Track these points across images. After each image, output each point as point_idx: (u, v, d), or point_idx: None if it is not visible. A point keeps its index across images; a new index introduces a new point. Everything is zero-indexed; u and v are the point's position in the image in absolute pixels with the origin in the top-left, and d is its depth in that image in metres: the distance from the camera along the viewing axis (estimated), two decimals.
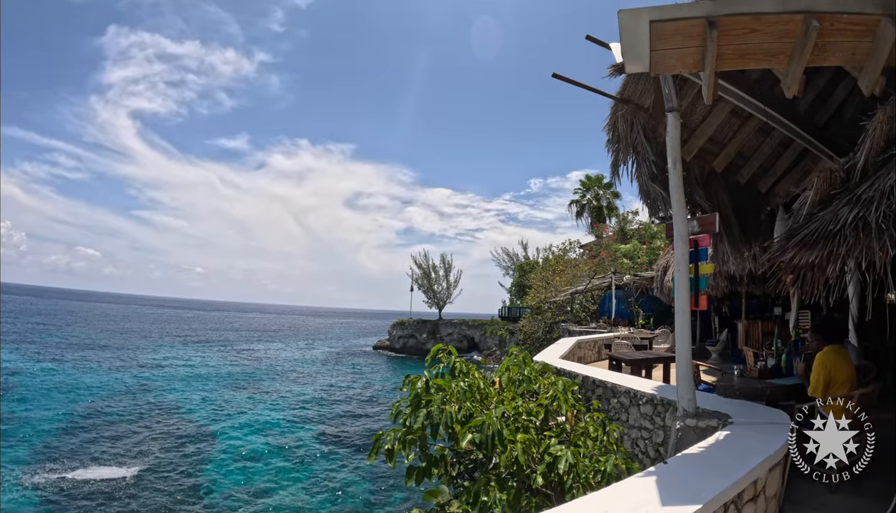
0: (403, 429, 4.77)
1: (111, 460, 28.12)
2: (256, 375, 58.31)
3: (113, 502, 22.94)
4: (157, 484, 25.25)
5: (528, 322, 36.91)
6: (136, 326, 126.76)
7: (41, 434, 32.56)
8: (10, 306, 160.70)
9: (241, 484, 25.69)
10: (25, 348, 69.57)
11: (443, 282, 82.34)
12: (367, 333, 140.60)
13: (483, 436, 4.43)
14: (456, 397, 4.87)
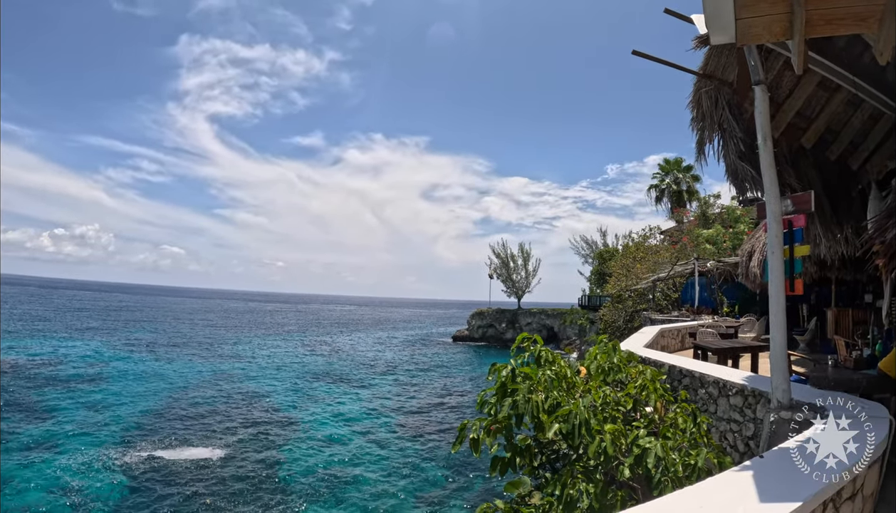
0: (489, 418, 4.70)
1: (198, 443, 29.40)
2: (336, 365, 59.62)
3: (199, 482, 23.97)
4: (241, 466, 26.23)
5: (608, 311, 36.23)
6: (220, 320, 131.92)
7: (131, 419, 34.33)
8: (102, 303, 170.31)
9: (320, 469, 26.32)
10: (116, 341, 73.50)
11: (521, 271, 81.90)
12: (446, 324, 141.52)
13: (570, 426, 4.32)
14: (542, 385, 4.77)
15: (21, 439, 29.28)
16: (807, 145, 8.11)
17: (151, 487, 23.30)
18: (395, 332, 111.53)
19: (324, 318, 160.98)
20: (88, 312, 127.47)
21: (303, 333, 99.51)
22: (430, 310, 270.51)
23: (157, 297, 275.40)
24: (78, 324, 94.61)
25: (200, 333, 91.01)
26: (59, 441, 29.06)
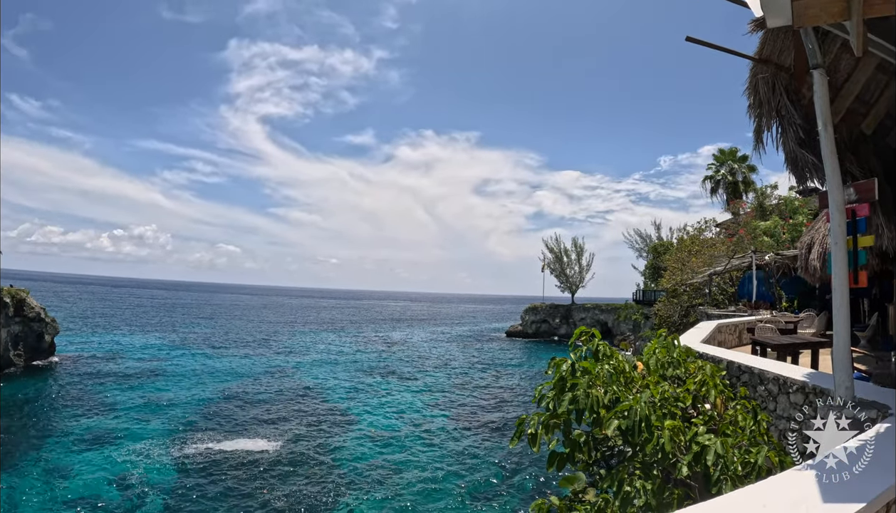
0: (546, 413, 4.68)
1: (253, 436, 30.17)
2: (389, 360, 60.24)
3: (253, 474, 24.59)
4: (294, 459, 26.78)
5: (663, 306, 35.70)
6: (275, 316, 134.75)
7: (187, 412, 35.40)
8: (159, 300, 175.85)
9: (372, 464, 26.66)
10: (173, 337, 75.81)
11: (575, 266, 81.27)
12: (499, 319, 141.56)
13: (630, 422, 4.25)
14: (601, 380, 4.73)
15: (81, 429, 30.51)
16: (867, 131, 7.81)
17: (206, 478, 23.99)
18: (448, 327, 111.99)
19: (377, 313, 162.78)
20: (147, 309, 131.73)
21: (356, 329, 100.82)
22: (483, 305, 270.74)
23: (213, 294, 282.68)
24: (136, 320, 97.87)
25: (256, 329, 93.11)
26: (118, 432, 30.18)
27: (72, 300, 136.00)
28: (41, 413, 33.49)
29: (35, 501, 21.39)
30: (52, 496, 21.84)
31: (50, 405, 35.38)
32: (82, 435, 29.56)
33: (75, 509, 20.83)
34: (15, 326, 45.14)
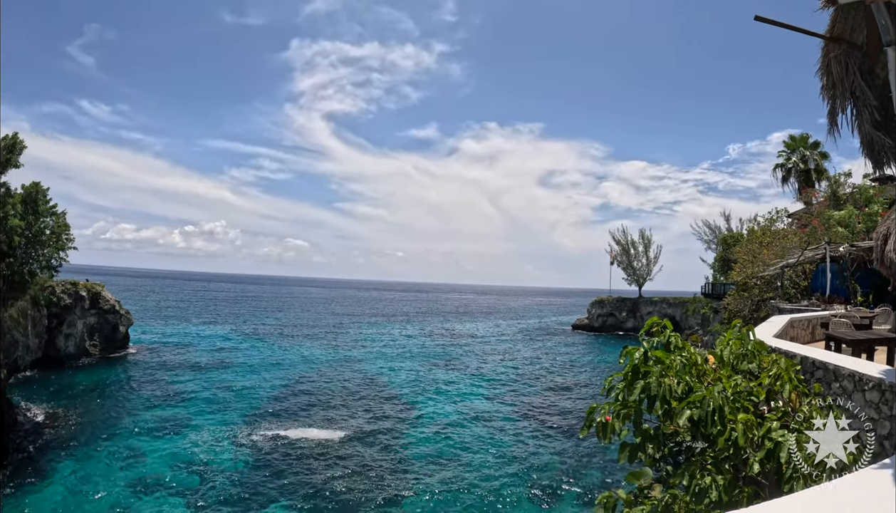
0: (617, 403, 4.62)
1: (319, 425, 30.81)
2: (455, 353, 60.50)
3: (319, 461, 25.10)
4: (359, 447, 27.23)
5: (732, 299, 34.71)
6: (342, 308, 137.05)
7: (256, 400, 36.39)
8: (230, 293, 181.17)
9: (436, 453, 26.87)
10: (243, 328, 77.99)
11: (642, 258, 79.90)
12: (565, 312, 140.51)
13: (702, 412, 4.15)
14: (674, 370, 4.60)
15: (152, 416, 31.75)
16: None
17: (273, 464, 24.64)
18: (514, 320, 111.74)
19: (443, 306, 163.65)
20: (217, 301, 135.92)
21: (422, 322, 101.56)
22: (549, 298, 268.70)
23: (282, 287, 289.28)
24: (207, 312, 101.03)
25: (324, 321, 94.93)
26: (187, 420, 31.29)
27: (145, 294, 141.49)
28: (115, 400, 34.98)
29: (107, 482, 22.41)
30: (123, 478, 22.86)
31: (123, 393, 36.93)
32: (154, 422, 30.79)
33: (145, 491, 21.72)
34: (91, 318, 47.23)
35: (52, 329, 40.77)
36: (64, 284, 43.90)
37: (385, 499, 21.26)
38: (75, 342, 44.90)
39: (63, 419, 30.13)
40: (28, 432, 27.45)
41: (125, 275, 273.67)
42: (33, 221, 31.35)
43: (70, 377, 39.86)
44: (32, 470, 23.02)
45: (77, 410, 32.10)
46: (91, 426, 29.44)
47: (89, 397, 35.20)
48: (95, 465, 24.22)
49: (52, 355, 40.78)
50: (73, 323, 44.74)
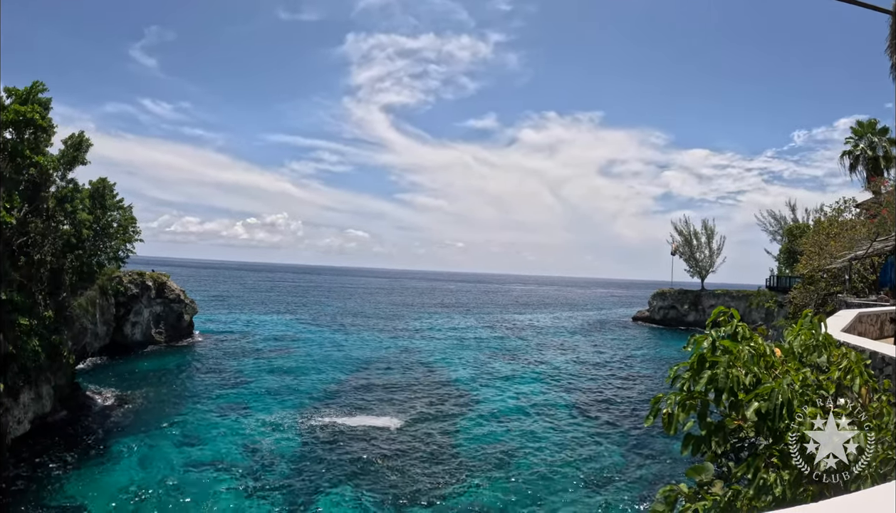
0: (682, 393, 4.47)
1: (377, 412, 31.17)
2: (514, 343, 60.41)
3: (377, 448, 25.38)
4: (417, 437, 27.40)
5: (798, 293, 33.53)
6: (402, 298, 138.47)
7: (316, 386, 37.08)
8: (291, 283, 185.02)
9: (493, 444, 26.81)
10: (304, 316, 79.57)
11: (705, 249, 77.91)
12: (626, 304, 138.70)
13: (771, 405, 3.97)
14: (742, 361, 4.41)
15: (217, 401, 32.67)
16: None
17: (330, 450, 25.05)
18: (574, 311, 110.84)
19: (503, 297, 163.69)
20: (279, 291, 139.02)
21: (482, 312, 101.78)
22: (610, 289, 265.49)
23: (343, 277, 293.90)
24: (270, 301, 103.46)
25: (384, 311, 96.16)
26: (249, 404, 32.10)
27: (209, 284, 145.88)
28: (179, 386, 36.15)
29: (170, 463, 23.18)
30: (186, 460, 23.62)
31: (187, 379, 38.14)
32: (216, 406, 31.70)
33: (206, 473, 22.37)
34: (157, 306, 48.88)
35: (119, 317, 42.37)
36: (131, 274, 45.58)
37: (440, 489, 21.31)
38: (142, 330, 46.59)
39: (129, 403, 31.28)
40: (96, 415, 28.60)
41: (190, 266, 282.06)
42: (101, 215, 32.57)
43: (136, 363, 41.39)
44: (100, 450, 23.96)
45: (143, 394, 33.29)
46: (156, 410, 30.51)
47: (155, 383, 36.47)
48: (159, 447, 25.08)
49: (119, 342, 42.40)
50: (140, 312, 46.42)
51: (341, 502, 20.02)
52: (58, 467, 21.76)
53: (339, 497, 20.44)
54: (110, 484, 20.98)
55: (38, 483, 20.33)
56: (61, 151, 26.97)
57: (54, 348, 24.13)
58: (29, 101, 22.75)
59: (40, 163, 23.25)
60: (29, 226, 23.79)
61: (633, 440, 27.67)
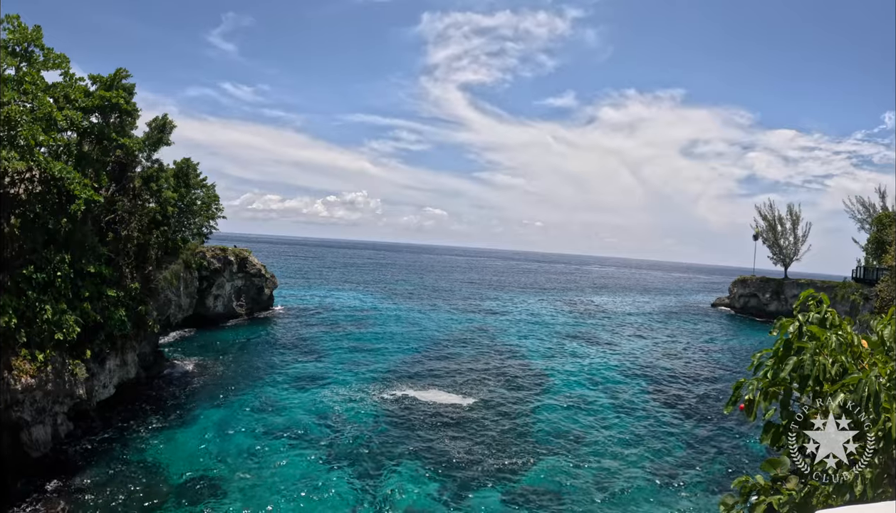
0: (766, 379, 4.38)
1: (449, 388, 31.91)
2: (590, 326, 60.05)
3: (448, 424, 26.16)
4: (488, 413, 28.00)
5: (886, 286, 31.93)
6: (479, 276, 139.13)
7: (391, 361, 38.20)
8: (370, 260, 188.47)
9: (561, 425, 27.05)
10: (381, 292, 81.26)
11: (789, 236, 74.22)
12: (705, 290, 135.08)
13: (857, 397, 3.86)
14: (829, 349, 4.28)
15: (291, 371, 34.17)
16: None
17: (401, 423, 25.94)
18: (652, 296, 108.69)
19: (580, 278, 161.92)
20: (357, 267, 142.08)
21: (559, 293, 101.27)
22: (689, 274, 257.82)
23: (420, 255, 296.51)
24: (348, 277, 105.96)
25: (461, 289, 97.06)
26: (324, 376, 33.41)
27: (289, 259, 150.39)
28: (258, 356, 37.94)
29: (246, 429, 24.59)
30: (261, 427, 24.98)
31: (266, 350, 39.95)
32: (292, 377, 33.19)
33: (280, 438, 23.65)
34: (238, 280, 51.13)
35: (202, 290, 44.58)
36: (214, 249, 47.78)
37: (506, 469, 21.67)
38: (223, 302, 48.93)
39: (210, 371, 33.12)
40: (178, 381, 30.45)
41: (271, 242, 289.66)
42: (185, 193, 34.29)
43: (217, 334, 43.60)
44: (180, 415, 25.61)
45: (223, 363, 35.15)
46: (234, 378, 32.20)
47: (234, 352, 38.41)
48: (237, 413, 26.57)
49: (202, 314, 44.68)
50: (222, 285, 48.71)
51: (409, 477, 20.67)
52: (140, 429, 23.46)
53: (408, 472, 21.10)
54: (189, 446, 22.50)
55: (121, 443, 22.01)
56: (146, 134, 28.60)
57: (140, 318, 25.72)
58: (113, 87, 24.28)
59: (126, 145, 24.77)
60: (116, 204, 25.45)
61: (705, 431, 27.23)
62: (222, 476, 19.98)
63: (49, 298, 18.88)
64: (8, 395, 16.31)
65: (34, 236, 19.87)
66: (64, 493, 17.71)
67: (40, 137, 18.15)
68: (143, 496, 17.96)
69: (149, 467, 20.25)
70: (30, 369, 17.44)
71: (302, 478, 20.16)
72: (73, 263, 20.51)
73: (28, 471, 18.22)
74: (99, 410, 23.58)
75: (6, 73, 18.10)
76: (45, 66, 19.61)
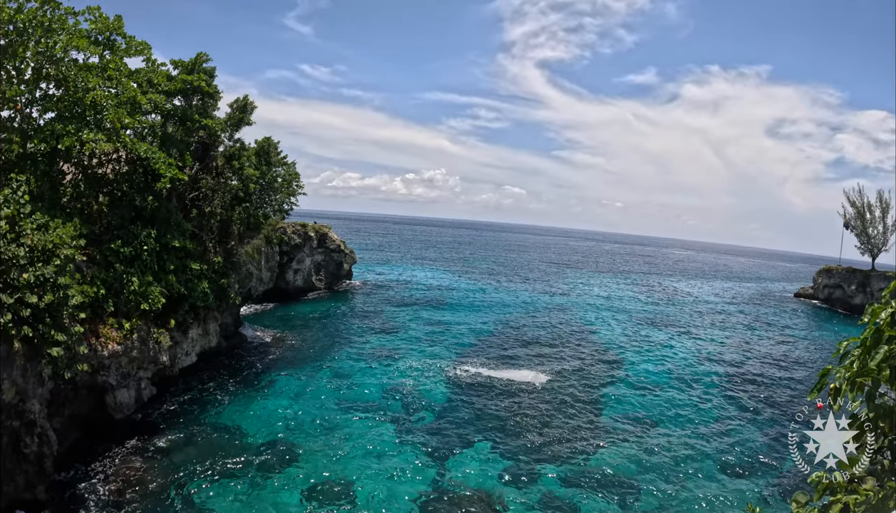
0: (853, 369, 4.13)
1: (525, 367, 32.32)
2: (667, 310, 58.95)
3: (521, 403, 26.57)
4: (562, 394, 28.21)
5: None
6: (557, 256, 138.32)
7: (466, 338, 38.88)
8: (448, 238, 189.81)
9: (633, 409, 26.98)
10: (458, 269, 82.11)
11: (878, 225, 69.71)
12: (788, 278, 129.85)
13: None
14: None
15: (369, 345, 35.25)
16: None
17: (475, 400, 26.49)
18: (732, 282, 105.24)
19: (660, 261, 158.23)
20: (435, 244, 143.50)
21: (637, 275, 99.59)
22: (773, 262, 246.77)
23: (498, 233, 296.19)
24: (425, 254, 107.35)
25: (537, 268, 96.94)
26: (401, 350, 34.33)
27: (368, 235, 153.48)
28: (335, 329, 39.25)
29: (321, 400, 25.67)
30: (336, 398, 26.02)
31: (343, 323, 41.25)
32: (368, 350, 34.24)
33: (353, 410, 24.60)
34: (318, 256, 52.77)
35: (283, 265, 46.27)
36: (294, 225, 49.45)
37: (576, 451, 21.79)
38: (303, 277, 50.66)
39: (288, 342, 34.55)
40: (257, 351, 31.95)
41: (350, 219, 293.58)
42: (266, 171, 35.47)
43: (296, 307, 45.29)
44: (257, 383, 26.94)
45: (300, 335, 36.57)
46: (311, 350, 33.48)
47: (312, 325, 39.85)
48: (312, 384, 27.70)
49: (282, 288, 46.46)
50: (302, 260, 50.42)
51: (479, 454, 21.11)
52: (219, 395, 24.86)
53: (478, 448, 21.56)
54: (265, 413, 23.69)
55: (200, 406, 23.43)
56: (228, 114, 29.78)
57: (222, 291, 27.06)
58: (195, 70, 25.50)
59: (208, 125, 26.00)
60: (200, 182, 26.81)
61: (779, 424, 26.37)
62: (295, 443, 20.95)
63: (136, 270, 20.17)
64: (95, 360, 17.65)
65: (122, 213, 21.25)
66: (142, 452, 19.10)
67: (126, 120, 19.36)
68: (218, 458, 19.12)
69: (225, 431, 21.48)
70: (116, 337, 18.80)
71: (372, 450, 20.88)
72: (159, 238, 21.77)
73: (110, 431, 19.75)
74: (181, 376, 25.11)
75: (90, 61, 19.35)
76: (128, 53, 20.81)
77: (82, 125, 18.02)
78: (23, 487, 14.98)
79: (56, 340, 14.62)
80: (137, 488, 16.92)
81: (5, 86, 17.14)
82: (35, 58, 17.40)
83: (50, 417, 16.44)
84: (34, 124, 18.47)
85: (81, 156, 20.24)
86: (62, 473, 17.10)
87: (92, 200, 21.20)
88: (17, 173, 15.95)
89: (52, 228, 15.45)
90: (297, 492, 17.58)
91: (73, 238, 15.99)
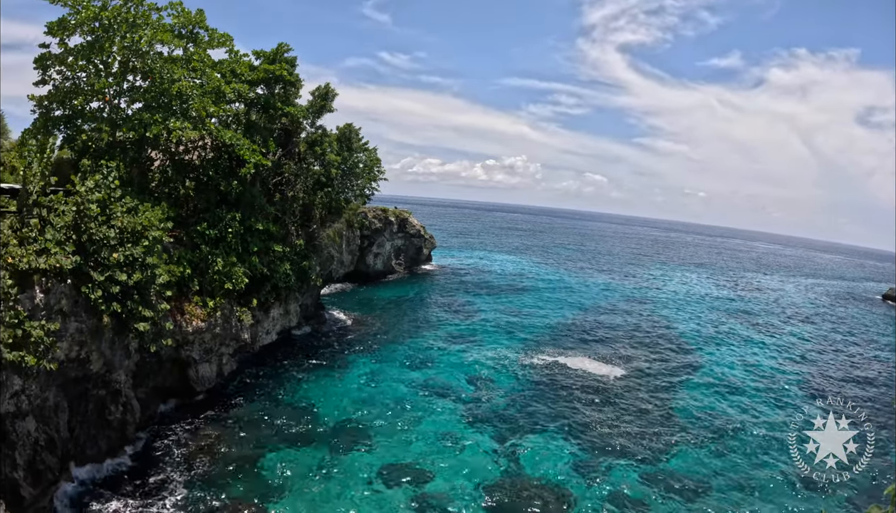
0: None
1: (599, 358, 32.15)
2: (749, 307, 56.93)
3: (594, 395, 26.51)
4: (635, 387, 28.00)
5: None
6: (638, 246, 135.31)
7: (542, 326, 38.87)
8: (528, 225, 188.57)
9: (709, 409, 26.22)
10: (537, 257, 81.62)
11: None
12: (877, 278, 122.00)
13: None
14: None
15: (445, 329, 35.77)
16: None
17: (547, 390, 26.62)
18: (818, 280, 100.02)
19: (744, 255, 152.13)
20: (515, 231, 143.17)
21: (719, 269, 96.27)
22: (862, 260, 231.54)
23: (578, 221, 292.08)
24: (505, 240, 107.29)
25: (618, 258, 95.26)
26: (477, 336, 34.68)
27: (448, 221, 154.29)
28: (412, 313, 39.95)
29: (396, 381, 26.36)
30: (410, 380, 26.64)
31: (421, 307, 41.94)
32: (444, 335, 34.75)
33: (427, 394, 25.11)
34: (398, 240, 53.73)
35: (363, 249, 47.41)
36: (375, 210, 50.48)
37: (649, 447, 21.51)
38: (383, 260, 51.71)
39: (366, 324, 35.47)
40: (335, 332, 32.96)
41: (431, 204, 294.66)
42: (348, 157, 36.39)
43: (376, 291, 46.32)
44: (334, 363, 27.82)
45: (379, 318, 37.45)
46: (388, 332, 34.26)
47: (390, 309, 40.70)
48: (387, 365, 28.44)
49: (362, 271, 47.62)
50: (382, 244, 51.45)
51: (549, 445, 21.15)
52: (296, 372, 25.87)
53: (548, 439, 21.60)
54: (340, 391, 24.52)
55: (277, 382, 24.45)
56: (309, 102, 30.66)
57: (303, 272, 28.03)
58: (276, 60, 26.37)
59: (291, 113, 26.90)
60: (283, 167, 27.80)
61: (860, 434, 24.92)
62: (368, 422, 21.59)
63: (220, 251, 21.24)
64: (180, 335, 18.77)
65: (207, 197, 22.38)
66: (218, 422, 20.19)
67: (211, 109, 20.36)
68: (290, 434, 19.99)
69: (299, 408, 22.33)
70: (201, 314, 19.89)
71: (443, 432, 21.26)
72: (243, 221, 22.81)
73: (191, 402, 20.98)
74: (261, 353, 26.27)
75: (175, 54, 20.39)
76: (211, 45, 21.82)
77: (169, 114, 19.12)
78: (105, 451, 16.19)
79: (143, 315, 15.66)
80: (209, 455, 17.93)
81: (93, 78, 18.37)
82: (122, 52, 18.59)
83: (134, 387, 17.68)
84: (122, 114, 19.70)
85: (168, 143, 21.46)
86: (140, 432, 18.30)
87: (179, 184, 22.39)
88: (107, 160, 17.06)
89: (142, 212, 16.49)
90: (367, 471, 18.10)
91: (160, 221, 17.02)
